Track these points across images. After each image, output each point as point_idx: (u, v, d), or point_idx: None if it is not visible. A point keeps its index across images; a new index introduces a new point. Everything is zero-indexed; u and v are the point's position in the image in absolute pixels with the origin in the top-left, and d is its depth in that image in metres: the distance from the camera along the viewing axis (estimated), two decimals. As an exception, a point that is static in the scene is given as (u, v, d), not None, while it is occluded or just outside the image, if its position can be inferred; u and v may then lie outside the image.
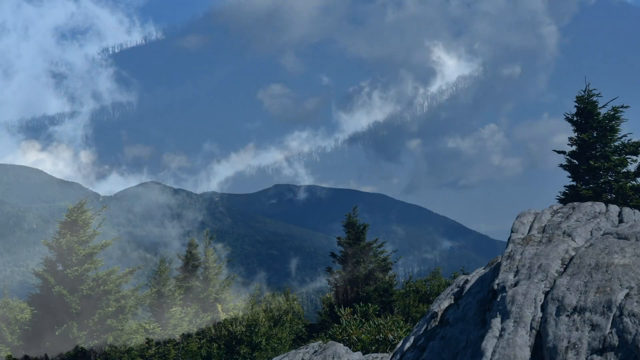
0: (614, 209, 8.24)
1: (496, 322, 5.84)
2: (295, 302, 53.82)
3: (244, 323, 27.36)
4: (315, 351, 12.59)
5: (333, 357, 12.03)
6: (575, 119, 22.26)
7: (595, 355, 5.07)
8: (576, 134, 22.17)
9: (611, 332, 5.18)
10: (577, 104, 22.15)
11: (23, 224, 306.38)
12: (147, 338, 25.85)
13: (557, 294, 5.78)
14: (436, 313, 7.62)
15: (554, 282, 6.06)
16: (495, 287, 6.39)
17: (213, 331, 30.67)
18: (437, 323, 7.43)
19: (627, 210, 8.22)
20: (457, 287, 7.95)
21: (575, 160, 22.11)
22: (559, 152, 22.57)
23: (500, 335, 5.67)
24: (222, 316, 30.31)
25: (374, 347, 16.81)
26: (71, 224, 22.13)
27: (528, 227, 7.75)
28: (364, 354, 14.70)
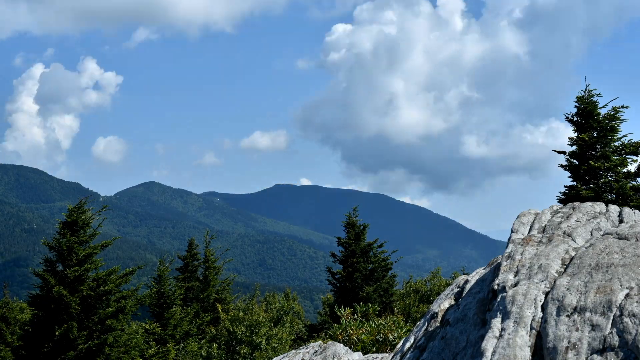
0: (614, 209, 8.22)
1: (496, 323, 5.84)
2: (295, 302, 53.89)
3: (244, 323, 27.36)
4: (315, 351, 12.59)
5: (333, 357, 12.03)
6: (575, 119, 22.26)
7: (595, 356, 5.06)
8: (576, 134, 22.17)
9: (611, 332, 5.17)
10: (577, 104, 22.15)
11: (23, 224, 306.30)
12: (147, 338, 25.85)
13: (557, 294, 5.78)
14: (436, 313, 7.61)
15: (554, 282, 6.05)
16: (496, 287, 6.38)
17: (213, 331, 30.69)
18: (437, 323, 7.42)
19: (627, 210, 8.21)
20: (458, 287, 7.93)
21: (575, 161, 22.11)
22: (559, 152, 22.57)
23: (501, 336, 5.66)
24: (222, 316, 30.31)
25: (374, 347, 16.80)
26: (71, 224, 22.09)
27: (528, 227, 7.73)
28: (364, 354, 14.70)
